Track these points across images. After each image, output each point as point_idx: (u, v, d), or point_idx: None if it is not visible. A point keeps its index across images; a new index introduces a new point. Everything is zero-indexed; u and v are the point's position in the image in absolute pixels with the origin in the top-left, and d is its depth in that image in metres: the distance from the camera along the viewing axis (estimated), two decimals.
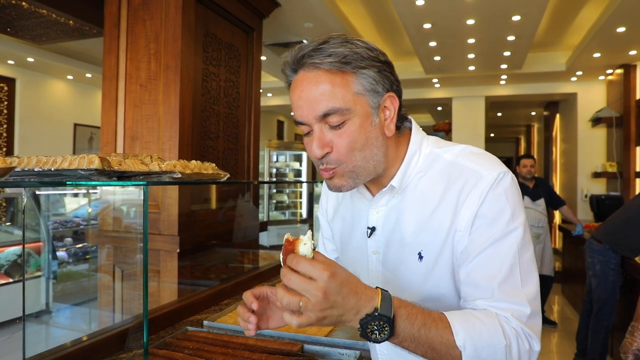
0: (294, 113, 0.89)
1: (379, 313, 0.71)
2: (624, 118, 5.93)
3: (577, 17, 5.12)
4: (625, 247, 3.45)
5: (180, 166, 1.45)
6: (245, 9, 3.44)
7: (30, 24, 3.87)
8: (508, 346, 0.77)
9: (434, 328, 0.75)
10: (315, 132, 0.86)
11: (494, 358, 0.77)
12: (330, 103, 0.83)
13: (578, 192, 7.06)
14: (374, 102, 0.86)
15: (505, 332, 0.78)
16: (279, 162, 8.57)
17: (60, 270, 4.25)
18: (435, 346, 0.75)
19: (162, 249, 2.70)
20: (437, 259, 0.88)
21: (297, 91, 0.86)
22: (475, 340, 0.76)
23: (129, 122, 2.85)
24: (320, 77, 0.83)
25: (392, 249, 0.95)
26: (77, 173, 1.20)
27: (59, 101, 6.93)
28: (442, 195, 0.88)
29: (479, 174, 0.86)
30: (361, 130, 0.85)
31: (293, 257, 0.70)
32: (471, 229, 0.84)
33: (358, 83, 0.84)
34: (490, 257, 0.83)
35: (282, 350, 1.46)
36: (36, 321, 3.66)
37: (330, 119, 0.84)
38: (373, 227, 0.97)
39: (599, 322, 3.51)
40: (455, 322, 0.77)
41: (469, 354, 0.75)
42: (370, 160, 0.88)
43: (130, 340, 1.53)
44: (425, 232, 0.90)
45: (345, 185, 0.89)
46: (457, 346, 0.75)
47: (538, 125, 11.51)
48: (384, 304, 0.72)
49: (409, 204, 0.93)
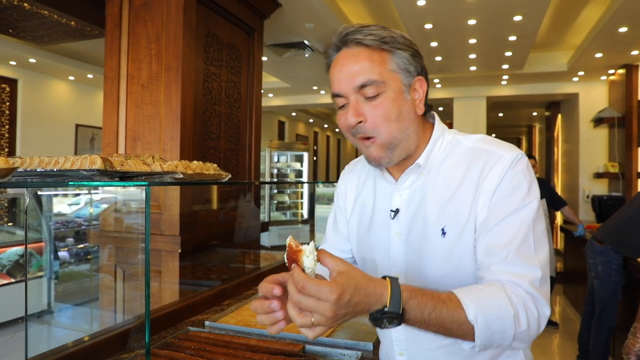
0: (332, 87, 0.97)
1: (388, 310, 0.75)
2: (626, 118, 5.92)
3: (578, 17, 5.11)
4: (627, 247, 3.43)
5: (182, 167, 1.45)
6: (246, 9, 3.44)
7: (32, 25, 3.88)
8: (516, 316, 0.81)
9: (445, 309, 0.79)
10: (352, 102, 0.94)
11: (503, 329, 0.80)
12: (367, 75, 0.91)
13: (580, 192, 7.05)
14: (407, 80, 0.95)
15: (512, 302, 0.81)
16: (280, 163, 8.58)
17: (62, 270, 4.25)
18: (446, 325, 0.79)
19: (163, 249, 2.71)
20: (460, 234, 0.93)
21: (338, 66, 0.95)
22: (485, 314, 0.79)
23: (130, 122, 2.85)
24: (360, 53, 0.93)
25: (416, 229, 0.99)
26: (79, 173, 1.20)
27: (61, 102, 6.94)
28: (464, 175, 0.95)
29: (499, 154, 0.93)
30: (394, 103, 0.93)
31: (300, 280, 0.71)
32: (490, 202, 0.90)
33: (393, 62, 0.94)
34: (507, 226, 0.88)
35: (284, 350, 1.46)
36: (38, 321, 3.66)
37: (366, 90, 0.92)
38: (397, 209, 1.02)
39: (601, 323, 3.50)
40: (466, 299, 0.80)
41: (481, 327, 0.79)
42: (405, 132, 0.96)
43: (132, 340, 1.53)
44: (448, 209, 0.95)
45: (384, 157, 0.96)
46: (469, 321, 0.79)
47: (539, 125, 11.49)
48: (392, 301, 0.75)
49: (432, 185, 0.99)
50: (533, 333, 0.84)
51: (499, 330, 0.80)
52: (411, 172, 1.01)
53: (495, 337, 0.81)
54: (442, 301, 0.79)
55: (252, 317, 1.86)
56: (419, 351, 1.05)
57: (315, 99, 8.87)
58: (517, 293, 0.83)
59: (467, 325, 0.79)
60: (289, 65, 6.33)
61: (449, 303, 0.80)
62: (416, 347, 1.05)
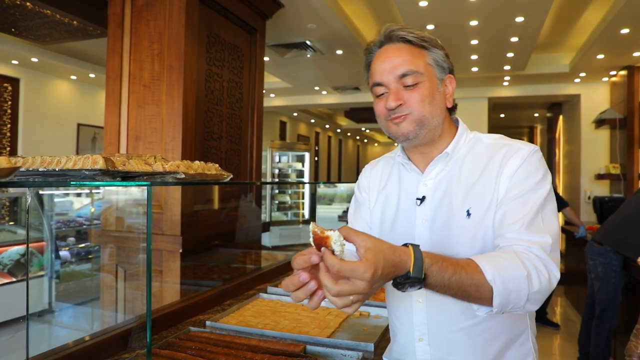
0: (373, 77, 1.10)
1: (411, 276, 0.81)
2: (628, 119, 5.91)
3: (580, 18, 5.10)
4: (627, 247, 3.43)
5: (184, 166, 1.45)
6: (248, 9, 3.44)
7: (34, 24, 3.89)
8: (528, 275, 0.88)
9: (464, 273, 0.85)
10: (392, 89, 1.06)
11: (518, 288, 0.87)
12: (408, 66, 1.06)
13: (581, 193, 7.04)
14: (440, 75, 1.10)
15: (524, 264, 0.89)
16: (281, 163, 8.58)
17: (63, 269, 4.26)
18: (465, 287, 0.85)
19: (164, 249, 2.71)
20: (484, 214, 1.03)
21: (381, 58, 1.09)
22: (502, 274, 0.86)
23: (132, 122, 2.86)
24: (403, 48, 1.08)
25: (441, 214, 1.08)
26: (81, 173, 1.20)
27: (63, 101, 6.95)
28: (486, 164, 1.06)
29: (518, 147, 1.06)
30: (429, 91, 1.07)
31: (334, 264, 0.75)
32: (509, 184, 1.01)
33: (430, 57, 1.09)
34: (522, 203, 0.99)
35: (285, 351, 1.46)
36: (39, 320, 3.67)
37: (406, 79, 1.05)
38: (423, 197, 1.12)
39: (601, 325, 3.49)
40: (483, 262, 0.88)
41: (499, 287, 0.86)
42: (434, 117, 1.08)
43: (133, 340, 1.53)
44: (472, 193, 1.05)
45: (412, 132, 1.07)
46: (488, 281, 0.86)
47: (541, 126, 11.48)
48: (415, 267, 0.81)
49: (456, 175, 1.09)
50: (544, 294, 0.91)
51: (515, 290, 0.87)
52: (439, 160, 1.11)
53: (512, 296, 0.87)
54: (461, 266, 0.86)
55: (253, 317, 1.86)
56: (440, 335, 1.09)
57: (317, 100, 8.87)
58: (528, 257, 0.91)
59: (484, 287, 0.86)
60: (290, 65, 6.33)
61: (467, 267, 0.86)
62: (438, 331, 1.09)
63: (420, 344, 1.11)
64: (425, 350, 1.11)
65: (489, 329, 1.06)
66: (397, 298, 1.17)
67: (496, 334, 1.07)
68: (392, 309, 1.21)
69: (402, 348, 1.18)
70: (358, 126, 13.92)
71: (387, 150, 1.48)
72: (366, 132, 16.25)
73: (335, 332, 1.71)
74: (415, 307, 1.11)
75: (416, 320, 1.11)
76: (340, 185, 8.29)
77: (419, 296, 1.10)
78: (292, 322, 1.79)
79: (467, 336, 1.06)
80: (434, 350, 1.10)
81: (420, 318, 1.11)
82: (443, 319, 1.07)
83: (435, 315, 1.08)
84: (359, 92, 8.34)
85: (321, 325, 1.75)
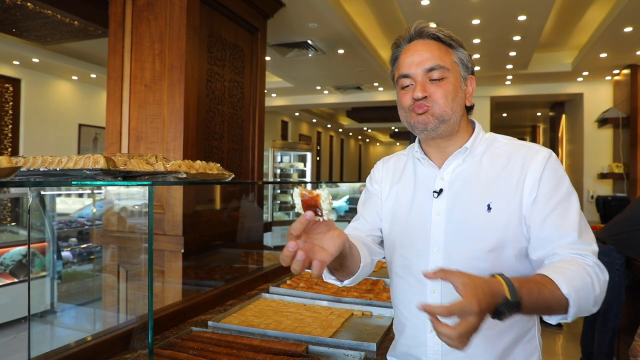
0: (401, 69, 1.15)
1: (509, 302, 0.84)
2: (631, 119, 5.89)
3: (583, 17, 5.09)
4: (629, 248, 3.43)
5: (186, 166, 1.45)
6: (249, 9, 3.43)
7: (35, 25, 3.89)
8: (592, 282, 0.94)
9: (546, 291, 0.89)
10: (419, 82, 1.11)
11: (587, 296, 0.93)
12: (436, 61, 1.11)
13: (584, 193, 7.02)
14: (464, 74, 1.16)
15: (587, 271, 0.95)
16: (283, 163, 8.58)
17: (65, 270, 4.26)
18: (549, 303, 0.90)
19: (166, 249, 2.70)
20: (505, 209, 1.06)
21: (410, 52, 1.14)
22: (575, 285, 0.91)
23: (133, 122, 2.85)
24: (432, 44, 1.13)
25: (458, 206, 1.11)
26: (82, 173, 1.20)
27: (64, 101, 6.95)
28: (506, 163, 1.10)
29: (535, 149, 1.10)
30: (453, 88, 1.12)
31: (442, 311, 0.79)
32: (537, 191, 1.05)
33: (456, 56, 1.15)
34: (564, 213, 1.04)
35: (287, 351, 1.45)
36: (41, 321, 3.67)
37: (433, 73, 1.10)
38: (440, 189, 1.15)
39: (605, 324, 3.48)
40: (557, 276, 0.92)
41: (574, 298, 0.91)
42: (455, 113, 1.12)
43: (135, 340, 1.52)
44: (493, 187, 1.09)
45: (431, 124, 1.11)
46: (564, 295, 0.90)
47: (544, 125, 11.45)
48: (511, 292, 0.84)
49: (475, 170, 1.13)
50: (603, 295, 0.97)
51: (585, 297, 0.92)
52: (457, 155, 1.15)
53: (583, 303, 0.93)
54: (542, 284, 0.90)
55: (255, 317, 1.85)
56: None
57: (319, 99, 8.86)
58: (587, 264, 0.97)
59: (562, 300, 0.90)
60: (292, 65, 6.33)
61: (548, 285, 0.90)
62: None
63: (432, 335, 1.12)
64: (436, 341, 1.12)
65: (501, 322, 1.07)
66: (409, 289, 1.17)
67: (506, 329, 1.09)
68: (402, 301, 1.21)
69: (411, 340, 1.18)
70: (360, 126, 13.91)
71: (389, 150, 1.49)
72: (368, 131, 16.24)
73: (338, 332, 1.70)
74: (430, 297, 1.12)
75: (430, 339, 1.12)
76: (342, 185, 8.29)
77: (433, 286, 1.11)
78: (294, 322, 1.78)
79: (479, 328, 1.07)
80: None
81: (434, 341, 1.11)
82: None
83: None
84: (361, 92, 8.33)
85: (323, 325, 1.74)
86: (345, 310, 1.94)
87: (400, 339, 1.23)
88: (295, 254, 0.83)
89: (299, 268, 0.84)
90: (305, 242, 0.87)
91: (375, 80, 7.40)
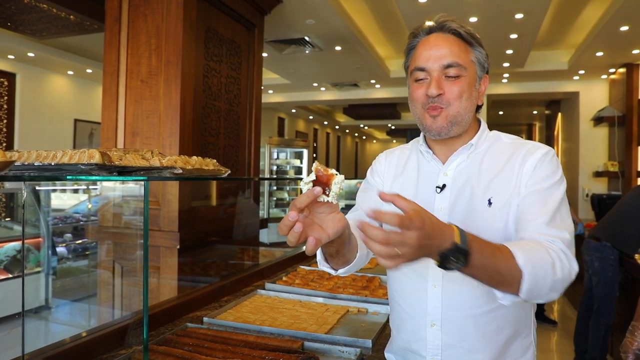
0: (416, 61, 1.12)
1: (458, 247, 0.81)
2: (626, 117, 5.91)
3: (580, 15, 5.10)
4: (622, 242, 3.47)
5: (181, 162, 1.44)
6: (247, 4, 3.42)
7: (31, 19, 3.86)
8: (552, 263, 0.91)
9: (500, 254, 0.88)
10: (435, 77, 1.08)
11: (544, 275, 0.90)
12: (454, 58, 1.08)
13: (579, 191, 7.05)
14: (480, 73, 1.14)
15: (549, 253, 0.93)
16: (279, 159, 8.56)
17: (60, 266, 4.24)
18: (500, 269, 0.87)
19: (162, 245, 2.70)
20: (504, 203, 1.06)
21: (429, 45, 1.11)
22: (532, 260, 0.89)
23: (129, 117, 2.84)
24: (452, 40, 1.10)
25: (461, 202, 1.11)
26: (77, 168, 1.19)
27: (60, 96, 6.91)
28: (507, 160, 1.11)
29: (536, 146, 1.11)
30: (468, 87, 1.10)
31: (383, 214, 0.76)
32: (528, 178, 1.06)
33: (474, 55, 1.12)
34: (542, 200, 1.03)
35: (283, 347, 1.45)
36: (35, 317, 3.65)
37: (450, 70, 1.08)
38: (443, 185, 1.14)
39: (599, 320, 3.52)
40: (514, 248, 0.90)
41: (529, 272, 0.88)
42: (467, 114, 1.11)
43: (130, 336, 1.52)
44: (494, 183, 1.09)
45: (445, 128, 1.10)
46: (519, 266, 0.88)
47: (540, 124, 11.49)
48: (462, 239, 0.82)
49: (477, 166, 1.13)
50: (565, 284, 0.94)
51: (542, 276, 0.89)
52: (462, 152, 1.15)
53: (539, 282, 0.89)
54: (497, 248, 0.89)
55: (250, 313, 1.85)
56: (453, 320, 1.10)
57: (316, 96, 8.85)
58: (552, 247, 0.95)
59: (516, 272, 0.88)
60: (289, 61, 6.31)
61: (502, 250, 0.89)
62: (451, 317, 1.11)
63: (432, 329, 1.13)
64: (437, 335, 1.12)
65: (500, 317, 1.09)
66: (410, 284, 1.17)
67: (505, 324, 1.10)
68: (402, 296, 1.21)
69: (410, 335, 1.18)
70: (356, 123, 13.90)
71: (386, 148, 1.48)
72: (365, 128, 16.24)
73: (333, 328, 1.71)
74: (431, 291, 1.12)
75: (430, 304, 1.13)
76: None
77: (435, 280, 1.11)
78: (290, 319, 1.79)
79: (478, 323, 1.09)
80: (445, 336, 1.11)
81: (435, 302, 1.12)
82: (457, 304, 1.10)
83: (450, 300, 1.10)
84: (358, 89, 8.32)
85: (319, 322, 1.74)
86: (341, 306, 1.95)
87: (399, 334, 1.23)
88: (294, 224, 0.83)
89: (294, 240, 0.84)
90: (306, 217, 0.87)
91: (372, 78, 7.39)
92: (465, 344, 1.10)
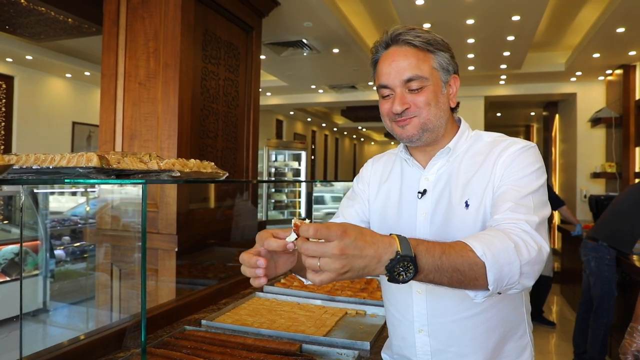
0: (380, 79, 1.11)
1: (401, 255, 0.78)
2: (624, 118, 5.93)
3: (576, 17, 5.12)
4: (617, 240, 3.49)
5: (179, 164, 1.44)
6: (244, 7, 3.43)
7: (29, 22, 3.86)
8: (516, 246, 0.87)
9: (453, 251, 0.84)
10: (398, 94, 1.08)
11: (509, 260, 0.86)
12: (414, 71, 1.07)
13: (577, 192, 7.07)
14: (445, 78, 1.12)
15: (510, 237, 0.89)
16: (277, 162, 8.57)
17: (58, 268, 4.23)
18: (458, 267, 0.83)
19: (160, 247, 2.69)
20: (480, 204, 1.05)
21: (388, 61, 1.10)
22: (491, 248, 0.85)
23: (127, 120, 2.84)
24: (409, 52, 1.08)
25: (441, 207, 1.10)
26: (75, 171, 1.19)
27: (58, 99, 6.90)
28: (484, 159, 1.09)
29: (516, 141, 1.09)
30: (434, 95, 1.09)
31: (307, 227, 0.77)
32: (503, 171, 1.04)
33: (436, 61, 1.10)
34: (514, 189, 1.01)
35: (281, 349, 1.45)
36: (33, 320, 3.64)
37: (411, 84, 1.07)
38: (424, 190, 1.14)
39: (597, 320, 3.52)
40: (470, 240, 0.87)
41: (490, 261, 0.84)
42: (438, 119, 1.10)
43: (128, 339, 1.52)
44: (470, 185, 1.08)
45: (415, 135, 1.10)
46: (479, 257, 0.84)
47: (537, 125, 11.51)
48: (403, 246, 0.79)
49: (456, 169, 1.12)
50: (536, 265, 0.89)
51: (506, 262, 0.85)
52: (441, 155, 1.14)
53: (505, 270, 0.85)
54: (449, 245, 0.85)
55: (248, 316, 1.85)
56: (440, 325, 1.10)
57: (314, 98, 8.86)
58: (514, 231, 0.91)
59: (477, 265, 0.84)
60: (287, 64, 6.32)
61: (456, 246, 0.85)
62: (438, 322, 1.10)
63: (420, 335, 1.13)
64: (424, 341, 1.12)
65: (488, 319, 1.08)
66: (397, 290, 1.18)
67: (494, 326, 1.09)
68: (391, 302, 1.22)
69: (401, 341, 1.19)
70: (354, 125, 13.91)
71: (383, 149, 1.49)
72: (363, 130, 16.25)
73: (332, 330, 1.71)
74: (415, 297, 1.13)
75: (416, 311, 1.13)
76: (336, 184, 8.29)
77: (419, 287, 1.11)
78: (288, 321, 1.79)
79: (466, 327, 1.08)
80: (433, 342, 1.11)
81: (420, 309, 1.12)
82: (443, 309, 1.09)
83: (435, 305, 1.10)
84: (356, 91, 8.34)
85: (317, 324, 1.75)
86: (339, 309, 1.95)
87: (393, 340, 1.24)
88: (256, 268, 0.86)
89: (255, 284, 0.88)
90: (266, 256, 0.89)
91: (370, 80, 7.38)
92: (454, 349, 1.09)
